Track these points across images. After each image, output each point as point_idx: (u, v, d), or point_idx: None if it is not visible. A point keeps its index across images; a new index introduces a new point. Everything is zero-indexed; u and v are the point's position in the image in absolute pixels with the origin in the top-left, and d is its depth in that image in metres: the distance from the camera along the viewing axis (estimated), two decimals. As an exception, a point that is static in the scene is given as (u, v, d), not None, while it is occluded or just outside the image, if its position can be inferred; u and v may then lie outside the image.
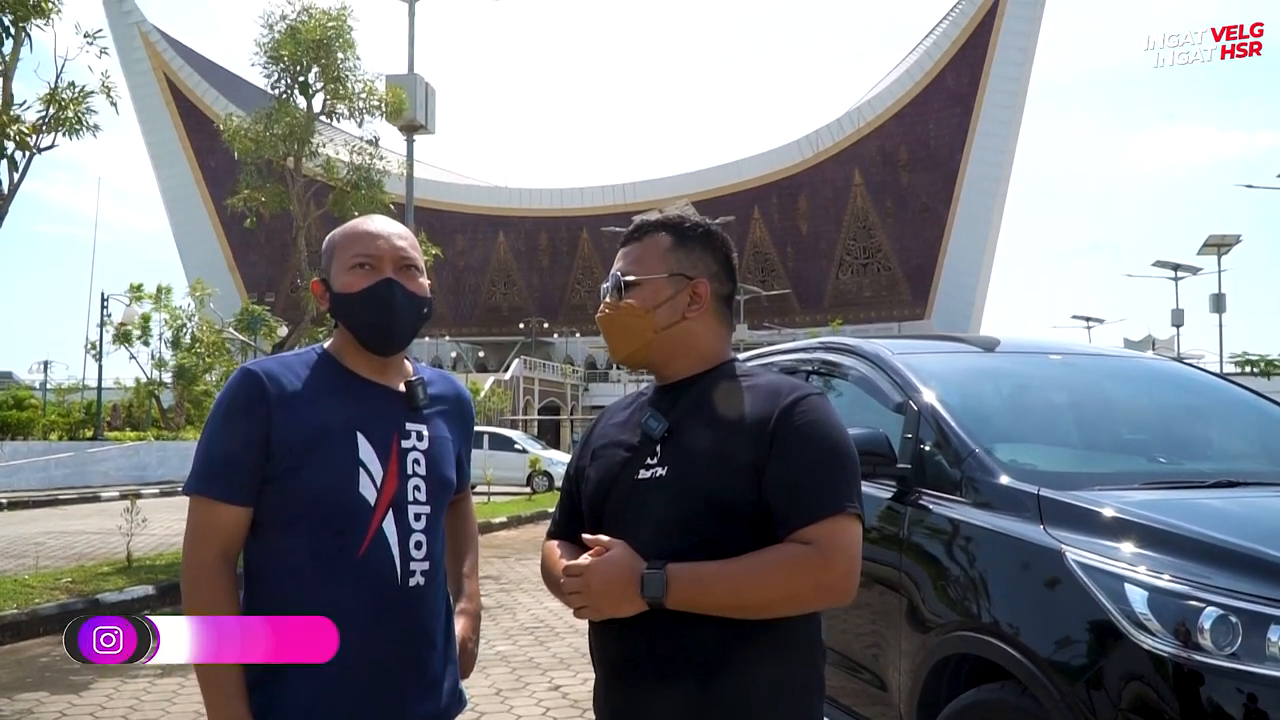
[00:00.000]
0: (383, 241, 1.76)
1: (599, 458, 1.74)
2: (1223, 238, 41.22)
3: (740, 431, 1.59)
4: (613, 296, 1.73)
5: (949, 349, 4.54)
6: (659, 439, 1.64)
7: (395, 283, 1.74)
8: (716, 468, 1.57)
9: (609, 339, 1.77)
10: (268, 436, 1.65)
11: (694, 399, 1.67)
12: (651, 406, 1.71)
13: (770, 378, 1.70)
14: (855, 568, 1.54)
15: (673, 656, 1.56)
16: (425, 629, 1.72)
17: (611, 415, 1.84)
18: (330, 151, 12.22)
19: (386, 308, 1.73)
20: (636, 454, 1.65)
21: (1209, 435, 3.96)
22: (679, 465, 1.61)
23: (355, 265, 1.75)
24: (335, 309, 1.78)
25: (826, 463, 1.57)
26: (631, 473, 1.64)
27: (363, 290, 1.73)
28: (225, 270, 71.08)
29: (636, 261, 1.73)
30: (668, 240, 1.73)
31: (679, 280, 1.71)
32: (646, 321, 1.69)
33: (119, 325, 30.42)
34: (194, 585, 1.66)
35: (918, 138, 72.47)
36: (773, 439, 1.56)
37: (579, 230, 78.54)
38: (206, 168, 72.63)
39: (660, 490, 1.61)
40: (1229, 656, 2.25)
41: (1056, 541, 2.65)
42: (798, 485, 1.55)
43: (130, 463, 25.57)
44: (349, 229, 1.82)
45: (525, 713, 4.99)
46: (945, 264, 71.33)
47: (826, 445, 1.58)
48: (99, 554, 10.49)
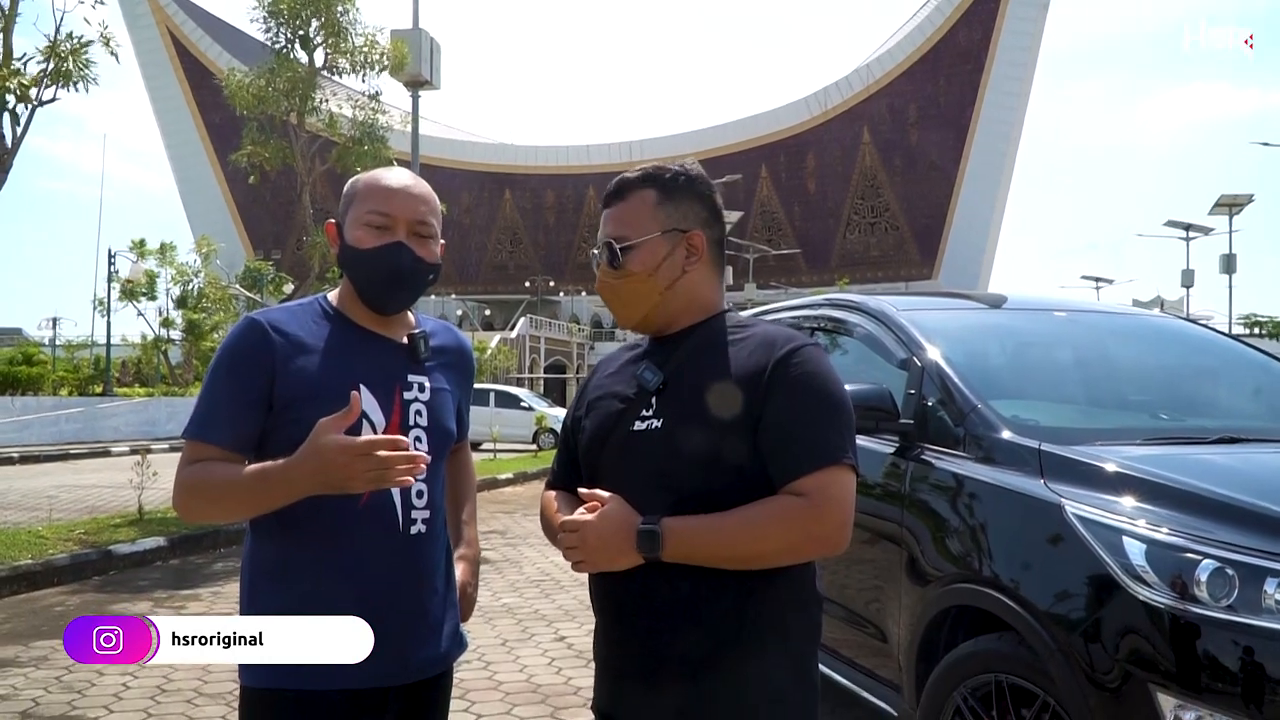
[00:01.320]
0: (401, 201, 1.75)
1: (594, 409, 1.73)
2: (1235, 197, 40.82)
3: (736, 382, 1.58)
4: (609, 263, 1.70)
5: (954, 305, 4.55)
6: (654, 391, 1.64)
7: (405, 247, 1.73)
8: (712, 419, 1.57)
9: (614, 307, 1.74)
10: (271, 386, 1.66)
11: (689, 350, 1.67)
12: (647, 358, 1.71)
13: (765, 328, 1.68)
14: (848, 518, 1.55)
15: (668, 606, 1.58)
16: (427, 575, 1.75)
17: (607, 367, 1.83)
18: (334, 107, 12.10)
19: (393, 271, 1.73)
20: (632, 406, 1.65)
21: (1212, 392, 3.97)
22: (674, 417, 1.61)
23: (369, 221, 1.74)
24: (342, 259, 1.78)
25: (820, 413, 1.57)
26: (627, 424, 1.64)
27: (371, 249, 1.73)
28: (231, 227, 70.97)
29: (626, 223, 1.69)
30: (653, 195, 1.69)
31: (674, 235, 1.68)
32: (651, 285, 1.67)
33: (125, 282, 30.45)
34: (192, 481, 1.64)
35: (927, 95, 71.67)
36: (768, 389, 1.56)
37: (585, 188, 78.11)
38: (211, 123, 72.22)
39: (656, 442, 1.61)
40: (1225, 608, 2.28)
41: (1056, 495, 2.67)
42: (792, 436, 1.55)
43: (140, 418, 25.73)
44: (372, 180, 1.79)
45: (531, 662, 5.07)
46: (954, 223, 70.86)
47: (821, 396, 1.58)
48: (110, 507, 10.61)
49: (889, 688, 3.30)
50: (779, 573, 1.58)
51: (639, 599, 1.60)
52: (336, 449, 1.48)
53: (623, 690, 1.66)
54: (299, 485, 1.53)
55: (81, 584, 7.05)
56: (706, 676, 1.56)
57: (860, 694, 3.48)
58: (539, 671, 4.91)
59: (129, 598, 6.64)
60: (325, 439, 1.49)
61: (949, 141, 70.69)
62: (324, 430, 1.49)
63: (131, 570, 7.61)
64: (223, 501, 1.63)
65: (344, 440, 1.48)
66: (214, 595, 6.75)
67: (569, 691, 4.58)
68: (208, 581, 7.27)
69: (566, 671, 4.92)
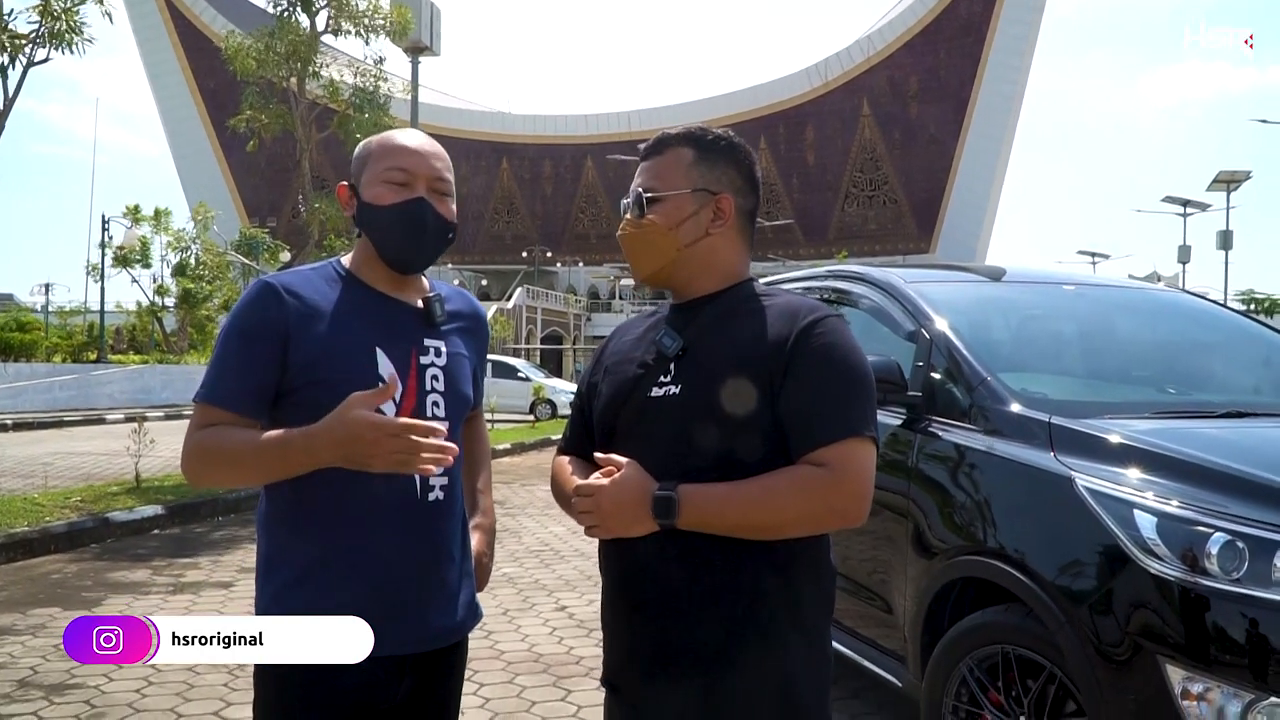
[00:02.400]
0: (419, 159, 1.74)
1: (611, 374, 1.72)
2: (1233, 174, 40.73)
3: (757, 351, 1.57)
4: (633, 213, 1.69)
5: (958, 278, 4.52)
6: (673, 357, 1.62)
7: (427, 203, 1.73)
8: (731, 386, 1.56)
9: (631, 257, 1.73)
10: (285, 350, 1.64)
11: (711, 317, 1.65)
12: (667, 324, 1.68)
13: (788, 298, 1.66)
14: (868, 491, 1.53)
15: (680, 572, 1.56)
16: (445, 542, 1.74)
17: (625, 333, 1.82)
18: (334, 73, 11.98)
19: (416, 226, 1.72)
20: (650, 371, 1.64)
21: (1218, 367, 3.95)
22: (693, 383, 1.59)
23: (389, 178, 1.72)
24: (361, 219, 1.76)
25: (842, 385, 1.55)
26: (644, 390, 1.63)
27: (393, 205, 1.71)
28: (226, 194, 70.46)
29: (658, 176, 1.68)
30: (690, 154, 1.68)
31: (703, 195, 1.67)
32: (670, 239, 1.66)
33: (119, 248, 30.28)
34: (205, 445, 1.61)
35: (928, 68, 71.15)
36: (789, 359, 1.55)
37: (584, 158, 77.66)
38: (206, 89, 71.53)
39: (674, 408, 1.59)
40: (1235, 581, 2.28)
41: (1066, 468, 2.66)
42: (813, 407, 1.54)
43: (134, 386, 25.66)
44: (386, 139, 1.78)
45: (532, 632, 5.08)
46: (952, 197, 70.62)
47: (843, 368, 1.56)
48: (106, 474, 10.60)
49: (894, 659, 3.31)
50: (796, 547, 1.57)
51: (653, 576, 1.59)
52: (367, 424, 1.46)
53: (633, 668, 1.64)
54: (320, 455, 1.51)
55: (79, 552, 7.04)
56: (720, 660, 1.55)
57: (864, 665, 3.49)
58: (540, 641, 4.93)
59: (127, 565, 6.64)
60: (356, 413, 1.47)
61: (949, 115, 70.29)
62: (356, 404, 1.47)
63: (129, 538, 7.60)
64: (239, 466, 1.60)
65: (377, 417, 1.47)
66: (213, 564, 6.75)
67: (571, 661, 4.59)
68: (207, 549, 7.27)
69: (568, 641, 4.93)
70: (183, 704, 3.90)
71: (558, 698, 4.09)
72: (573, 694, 4.12)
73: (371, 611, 1.64)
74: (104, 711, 3.84)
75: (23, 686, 4.14)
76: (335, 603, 1.63)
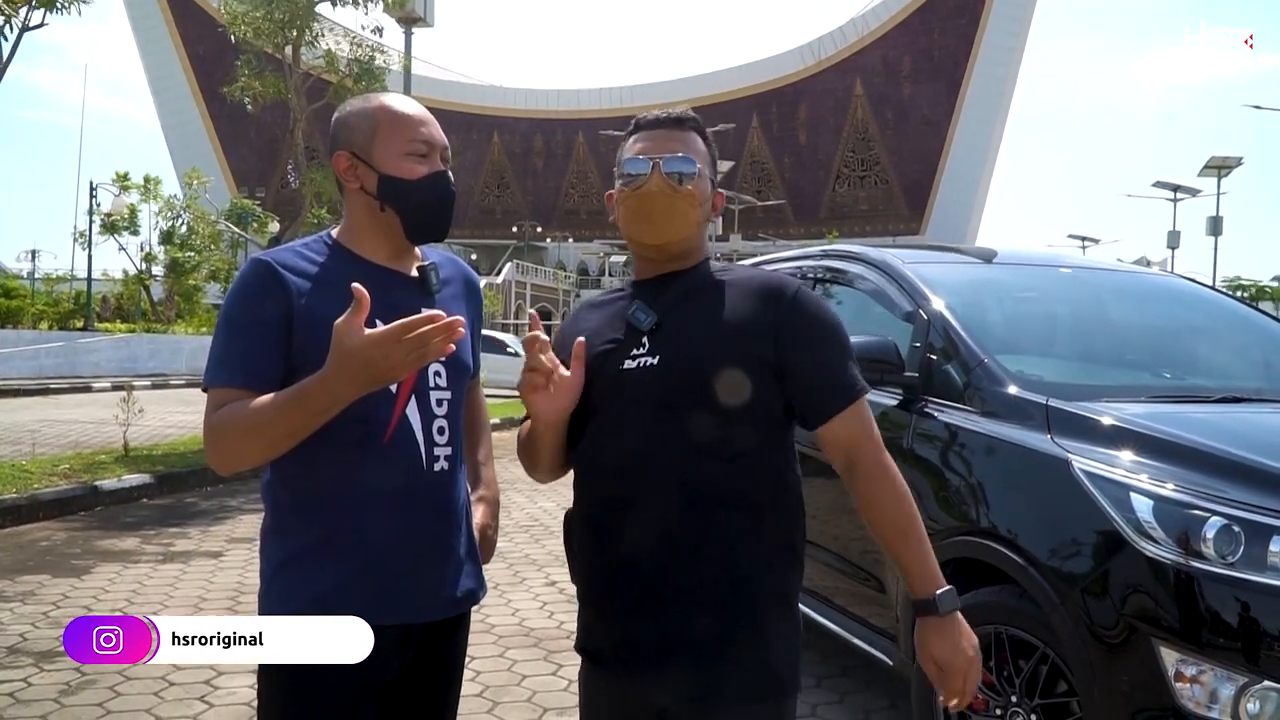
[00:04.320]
0: (433, 129, 1.75)
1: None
2: (1224, 159, 40.78)
3: (737, 321, 1.64)
4: (673, 178, 1.67)
5: (953, 259, 4.52)
6: (647, 330, 1.66)
7: (447, 176, 1.75)
8: (714, 356, 1.61)
9: (656, 220, 1.69)
10: (288, 327, 1.62)
11: (680, 292, 1.70)
12: (636, 301, 1.72)
13: (753, 271, 1.76)
14: (877, 430, 1.68)
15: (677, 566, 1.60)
16: (452, 512, 1.73)
17: (585, 311, 1.84)
18: (330, 44, 11.85)
19: (443, 199, 1.74)
20: (621, 346, 1.67)
21: (1213, 351, 3.97)
22: (672, 354, 1.64)
23: (414, 151, 1.72)
24: (385, 192, 1.72)
25: (837, 354, 1.67)
26: (616, 363, 1.66)
27: (421, 179, 1.71)
28: (214, 163, 69.77)
29: (694, 151, 1.72)
30: (702, 143, 1.76)
31: (711, 184, 1.76)
32: (699, 213, 1.72)
33: (107, 215, 30.01)
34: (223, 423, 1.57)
35: (922, 48, 70.98)
36: (782, 332, 1.62)
37: (575, 133, 77.32)
38: (195, 56, 70.80)
39: (653, 378, 1.63)
40: (1230, 565, 2.29)
41: (1064, 451, 2.67)
42: (821, 379, 1.64)
43: (121, 354, 25.51)
44: (387, 109, 1.75)
45: (523, 606, 5.09)
46: (944, 178, 70.63)
47: (835, 337, 1.68)
48: (94, 442, 10.55)
49: (885, 637, 3.32)
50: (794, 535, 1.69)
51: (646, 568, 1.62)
52: (370, 345, 1.43)
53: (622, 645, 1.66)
54: (342, 391, 1.47)
55: (68, 519, 7.02)
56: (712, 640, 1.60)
57: (855, 643, 3.50)
58: (531, 615, 4.94)
59: (116, 534, 6.62)
60: (352, 341, 1.43)
61: (941, 95, 70.19)
62: (347, 333, 1.43)
63: (118, 506, 7.58)
64: (263, 433, 1.53)
65: (374, 334, 1.43)
66: (202, 533, 6.74)
67: (561, 635, 4.61)
68: (196, 519, 7.26)
69: (558, 615, 4.94)
70: (174, 672, 3.89)
71: (549, 671, 4.11)
72: (564, 668, 4.14)
73: (379, 581, 1.63)
74: (94, 679, 3.83)
75: (12, 653, 4.13)
76: (342, 573, 1.62)
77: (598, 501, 1.69)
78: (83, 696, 3.67)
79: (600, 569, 1.69)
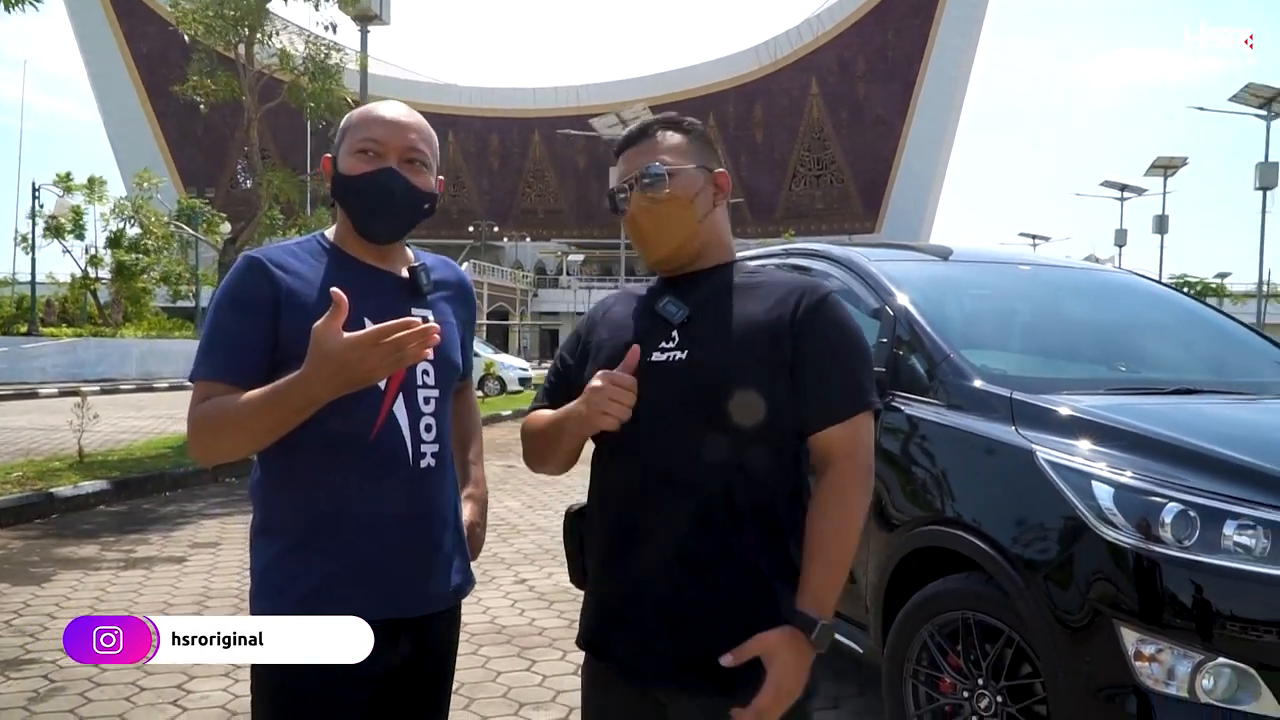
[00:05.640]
0: (391, 129, 1.74)
1: (608, 340, 1.72)
2: (1170, 160, 41.81)
3: (765, 322, 1.61)
4: (650, 190, 1.67)
5: (913, 257, 4.60)
6: (678, 324, 1.65)
7: (396, 173, 1.73)
8: (740, 354, 1.59)
9: (649, 236, 1.70)
10: (276, 323, 1.65)
11: (713, 289, 1.68)
12: (666, 295, 1.70)
13: (785, 275, 1.74)
14: (871, 457, 1.61)
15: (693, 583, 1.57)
16: (439, 508, 1.76)
17: (611, 305, 1.82)
18: (285, 41, 11.70)
19: (384, 196, 1.72)
20: (650, 337, 1.65)
21: (1165, 345, 4.10)
22: (700, 349, 1.62)
23: (360, 150, 1.73)
24: (335, 190, 1.77)
25: (847, 363, 1.62)
26: (644, 355, 1.62)
27: (361, 175, 1.72)
28: (161, 162, 68.40)
29: (664, 153, 1.70)
30: (679, 137, 1.73)
31: (703, 172, 1.71)
32: (690, 213, 1.68)
33: (50, 217, 29.35)
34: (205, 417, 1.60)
35: (876, 48, 71.66)
36: (801, 332, 1.59)
37: (531, 132, 77.01)
38: (139, 54, 69.29)
39: (679, 372, 1.61)
40: (1186, 549, 2.39)
41: (1027, 441, 2.77)
42: (827, 382, 1.60)
43: (68, 359, 24.98)
44: (364, 112, 1.80)
45: (493, 604, 5.11)
46: (898, 178, 71.38)
47: (853, 344, 1.63)
48: (46, 449, 10.35)
49: (855, 625, 3.40)
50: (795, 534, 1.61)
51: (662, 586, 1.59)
52: (347, 348, 1.47)
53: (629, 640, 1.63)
54: (319, 393, 1.52)
55: (22, 528, 6.90)
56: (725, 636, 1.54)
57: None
58: (502, 613, 4.97)
59: (75, 541, 6.52)
60: (330, 343, 1.47)
61: (896, 95, 70.91)
62: (325, 336, 1.47)
63: (74, 514, 7.47)
64: (242, 428, 1.58)
65: (351, 338, 1.47)
66: (164, 539, 6.66)
67: (534, 632, 4.64)
68: (156, 525, 7.17)
69: (530, 613, 4.98)
70: (144, 677, 3.86)
71: (522, 668, 4.14)
72: (537, 664, 4.17)
73: (367, 576, 1.66)
74: (63, 686, 3.80)
75: (-24, 662, 4.07)
76: (331, 569, 1.65)
77: (617, 502, 1.66)
78: (53, 703, 3.64)
79: (615, 571, 1.67)
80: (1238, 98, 28.87)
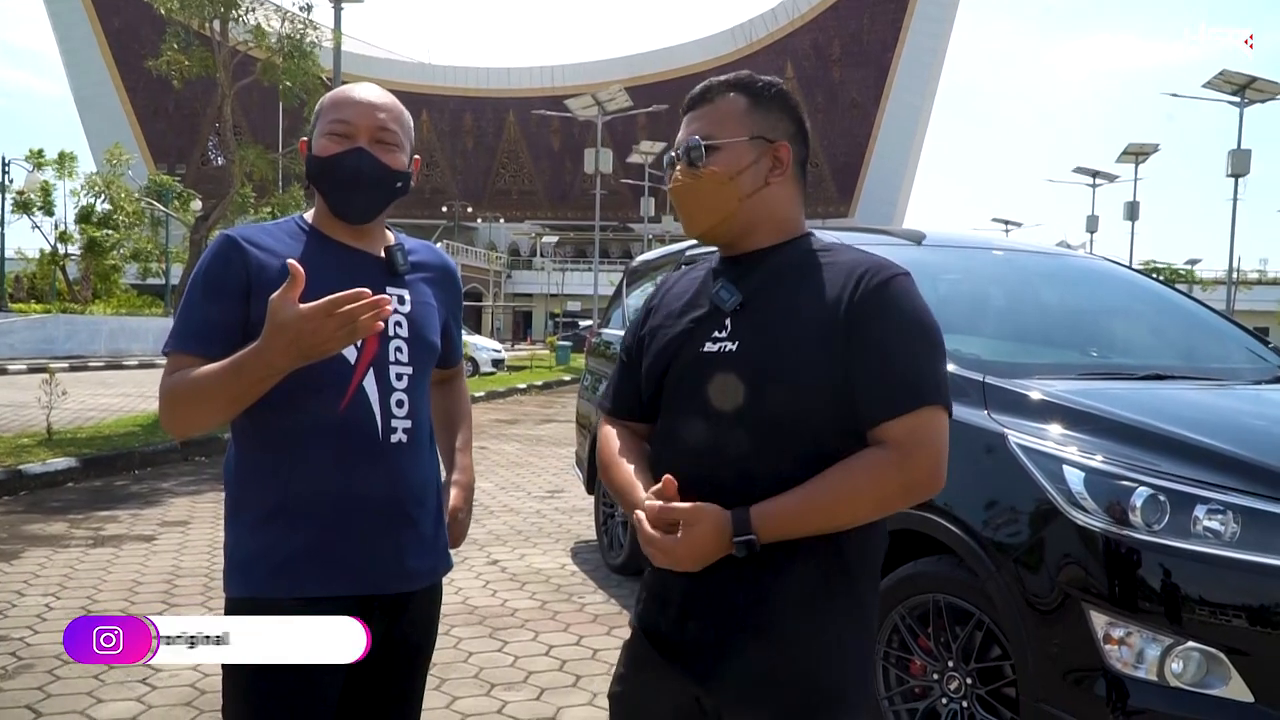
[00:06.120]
0: (360, 109, 1.76)
1: (661, 328, 1.64)
2: (1141, 146, 42.10)
3: (819, 308, 1.48)
4: (687, 164, 1.58)
5: (886, 241, 4.61)
6: (730, 311, 1.54)
7: (365, 152, 1.74)
8: (792, 345, 1.47)
9: (686, 212, 1.62)
10: (246, 298, 1.66)
11: (770, 271, 1.56)
12: (722, 277, 1.59)
13: (854, 254, 1.55)
14: (942, 461, 1.44)
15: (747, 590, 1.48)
16: (412, 487, 1.75)
17: (673, 285, 1.72)
18: (260, 18, 11.53)
19: (352, 176, 1.74)
20: (702, 326, 1.56)
21: (1137, 331, 4.15)
22: (751, 340, 1.50)
23: (331, 131, 1.75)
24: (310, 172, 1.79)
25: (911, 351, 1.46)
26: (697, 345, 1.55)
27: (331, 156, 1.74)
28: (131, 138, 67.41)
29: (714, 124, 1.58)
30: (743, 101, 1.59)
31: (760, 144, 1.57)
32: (730, 190, 1.55)
33: (19, 193, 28.89)
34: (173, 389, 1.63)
35: (851, 32, 71.76)
36: (862, 317, 1.45)
37: (505, 112, 76.57)
38: (110, 28, 68.23)
39: (729, 365, 1.50)
40: (1156, 533, 2.43)
41: (1000, 426, 2.79)
42: (889, 371, 1.44)
43: (37, 335, 24.63)
44: (336, 94, 1.81)
45: (466, 585, 5.11)
46: (872, 162, 71.65)
47: (913, 332, 1.47)
48: (13, 426, 10.20)
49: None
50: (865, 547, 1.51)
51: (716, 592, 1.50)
52: (300, 319, 1.48)
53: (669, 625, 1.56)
54: (276, 363, 1.52)
55: (-10, 504, 6.81)
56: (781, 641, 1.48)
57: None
58: (474, 594, 4.96)
59: (43, 518, 6.44)
60: (285, 314, 1.48)
61: (870, 80, 71.09)
62: (280, 307, 1.49)
63: (43, 491, 7.37)
64: (207, 399, 1.60)
65: (304, 309, 1.48)
66: (133, 517, 6.60)
67: (506, 613, 4.64)
68: (125, 503, 7.09)
69: (502, 594, 4.98)
70: (113, 658, 3.83)
71: (494, 648, 4.13)
72: (509, 644, 4.17)
73: (337, 551, 1.66)
74: (31, 663, 3.76)
75: (-59, 642, 4.02)
76: (298, 542, 1.65)
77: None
78: (20, 680, 3.60)
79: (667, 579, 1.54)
80: (1211, 84, 29.04)
